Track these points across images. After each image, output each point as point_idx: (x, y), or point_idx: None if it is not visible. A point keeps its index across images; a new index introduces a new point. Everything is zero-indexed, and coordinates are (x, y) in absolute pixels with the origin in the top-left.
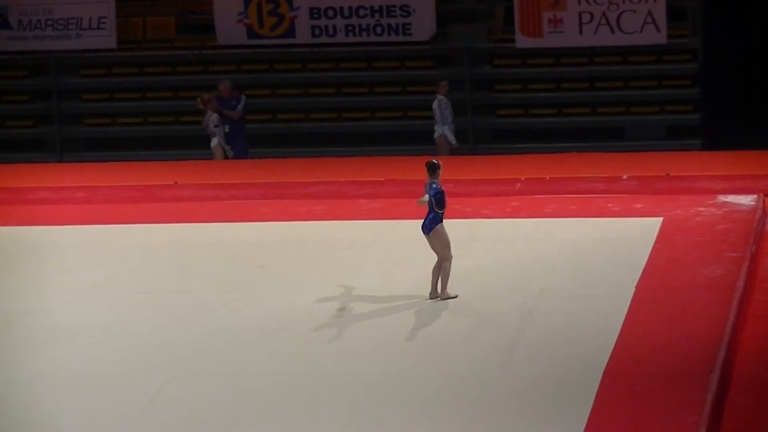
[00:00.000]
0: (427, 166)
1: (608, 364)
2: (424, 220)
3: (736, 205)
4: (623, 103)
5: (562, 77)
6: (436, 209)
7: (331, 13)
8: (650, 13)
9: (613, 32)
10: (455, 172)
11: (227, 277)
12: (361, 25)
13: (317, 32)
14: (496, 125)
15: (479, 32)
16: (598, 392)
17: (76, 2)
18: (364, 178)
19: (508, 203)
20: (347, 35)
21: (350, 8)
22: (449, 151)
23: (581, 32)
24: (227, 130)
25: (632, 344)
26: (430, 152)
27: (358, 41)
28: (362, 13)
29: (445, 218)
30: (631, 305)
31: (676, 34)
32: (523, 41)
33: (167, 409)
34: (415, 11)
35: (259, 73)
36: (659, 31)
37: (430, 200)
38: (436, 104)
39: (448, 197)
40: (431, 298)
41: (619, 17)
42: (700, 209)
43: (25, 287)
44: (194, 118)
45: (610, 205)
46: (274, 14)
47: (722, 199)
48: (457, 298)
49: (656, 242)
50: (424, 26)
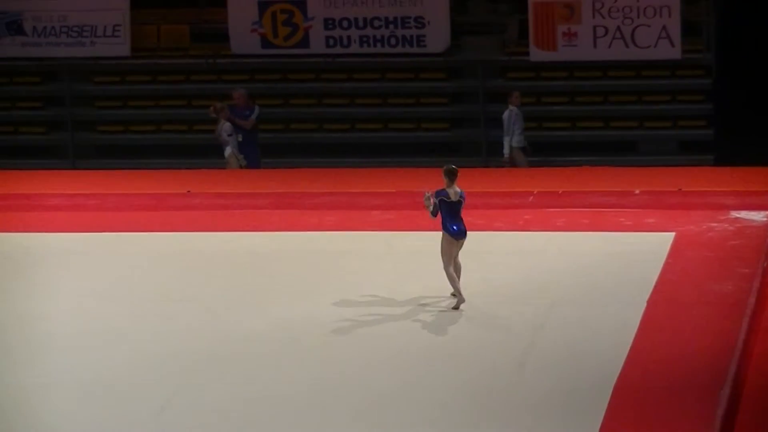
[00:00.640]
0: (447, 171)
1: (619, 378)
2: (453, 226)
3: (748, 221)
4: (636, 117)
5: (575, 91)
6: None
7: (345, 23)
8: (665, 28)
9: (627, 47)
10: (468, 184)
11: (238, 286)
12: (375, 36)
13: (331, 42)
14: None
15: (493, 45)
16: (608, 406)
17: (90, 9)
18: (376, 189)
19: (520, 216)
20: (361, 46)
21: (365, 19)
22: (527, 162)
23: (595, 46)
24: (240, 139)
25: (643, 358)
26: (440, 164)
27: (372, 52)
28: (377, 24)
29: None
30: (642, 320)
31: (690, 49)
32: (537, 54)
33: (177, 417)
34: (429, 23)
35: (272, 82)
36: (673, 46)
37: (463, 200)
38: (506, 114)
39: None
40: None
41: (633, 32)
42: (712, 225)
43: (35, 293)
44: (207, 126)
45: (622, 219)
46: (288, 24)
47: (734, 214)
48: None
49: (668, 257)
50: (438, 38)
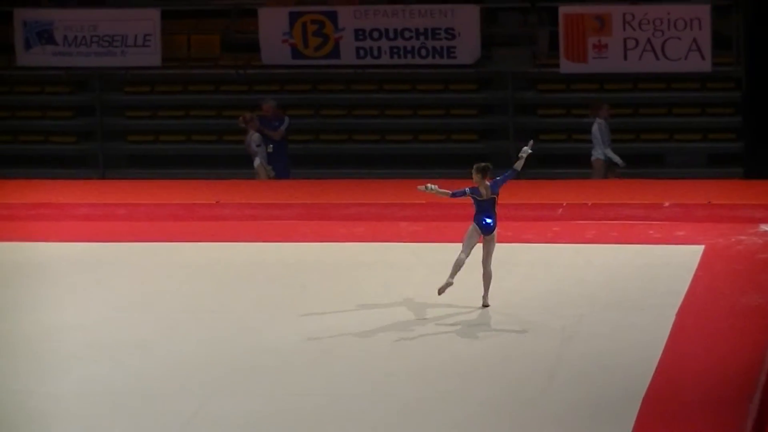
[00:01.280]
0: (477, 169)
1: (648, 390)
2: (484, 220)
3: None
4: (666, 130)
5: (606, 103)
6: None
7: (376, 34)
8: (695, 40)
9: (657, 59)
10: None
11: (268, 296)
12: (405, 47)
13: (362, 53)
14: (538, 150)
15: (523, 56)
16: (637, 418)
17: (121, 19)
18: (405, 200)
19: (549, 228)
20: (392, 57)
21: (395, 30)
22: (603, 174)
23: (626, 58)
24: (270, 149)
25: (672, 371)
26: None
27: (402, 63)
28: (407, 35)
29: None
30: (671, 332)
31: (720, 62)
32: (567, 66)
33: (206, 427)
34: (459, 34)
35: (302, 93)
36: (704, 58)
37: (496, 196)
38: (595, 127)
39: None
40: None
41: (664, 44)
42: (741, 238)
43: (66, 302)
44: (237, 137)
45: (651, 231)
46: (318, 35)
47: (764, 227)
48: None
49: (697, 270)
50: (468, 49)
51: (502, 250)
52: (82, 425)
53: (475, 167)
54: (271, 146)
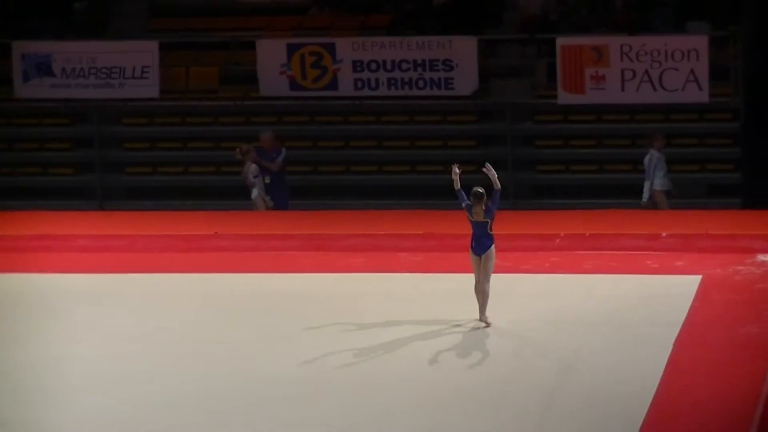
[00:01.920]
0: (474, 194)
1: (644, 421)
2: (473, 242)
3: None
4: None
5: (603, 134)
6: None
7: (374, 66)
8: (693, 71)
9: (655, 90)
10: (495, 227)
11: (265, 328)
12: (403, 78)
13: (360, 85)
14: (536, 181)
15: (521, 88)
16: None
17: (119, 51)
18: (403, 231)
19: (547, 258)
20: (389, 88)
21: (393, 62)
22: (668, 205)
23: (623, 89)
24: (267, 181)
25: (670, 402)
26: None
27: (400, 95)
28: (405, 66)
29: None
30: (668, 363)
31: (718, 93)
32: (565, 97)
33: None
34: (457, 66)
35: (300, 124)
36: (701, 89)
37: (490, 221)
38: (647, 158)
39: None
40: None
41: (661, 75)
42: (739, 268)
43: (65, 334)
44: (235, 168)
45: (649, 262)
46: (317, 66)
47: (762, 258)
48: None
49: (695, 300)
50: (466, 81)
51: (500, 280)
52: None
53: (472, 192)
54: (267, 177)
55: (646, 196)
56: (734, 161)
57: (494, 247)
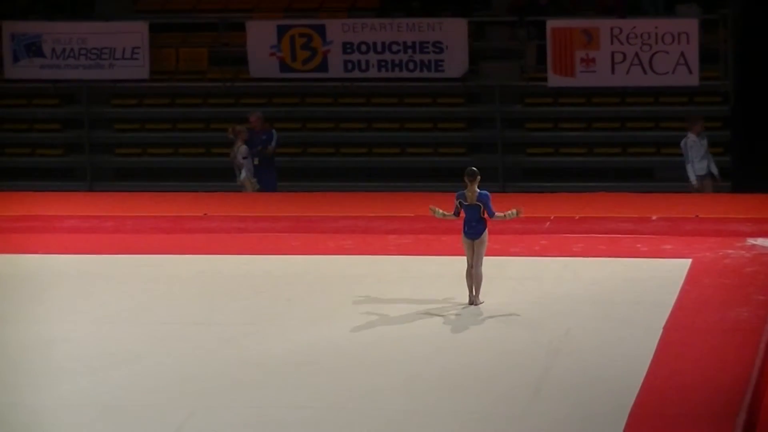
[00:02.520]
0: (466, 173)
1: (634, 404)
2: (465, 227)
3: (764, 248)
4: (654, 143)
5: (593, 117)
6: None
7: (363, 48)
8: (683, 54)
9: (645, 73)
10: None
11: (254, 309)
12: (393, 60)
13: (349, 67)
14: (526, 163)
15: (511, 70)
16: None
17: (109, 33)
18: (393, 213)
19: (536, 241)
20: (379, 70)
21: (383, 44)
22: (710, 187)
23: (613, 72)
24: (257, 162)
25: (658, 385)
26: (459, 188)
27: (390, 77)
28: (395, 48)
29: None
30: (658, 346)
31: (708, 76)
32: (554, 80)
33: None
34: (447, 48)
35: (290, 106)
36: (691, 73)
37: (481, 205)
38: (683, 142)
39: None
40: (470, 304)
41: (651, 58)
42: (728, 252)
43: (52, 315)
44: (225, 149)
45: (638, 245)
46: (306, 48)
47: (751, 242)
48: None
49: (684, 284)
50: (456, 63)
51: (489, 263)
52: None
53: (466, 170)
54: (257, 159)
55: (692, 178)
56: (724, 144)
57: (487, 231)
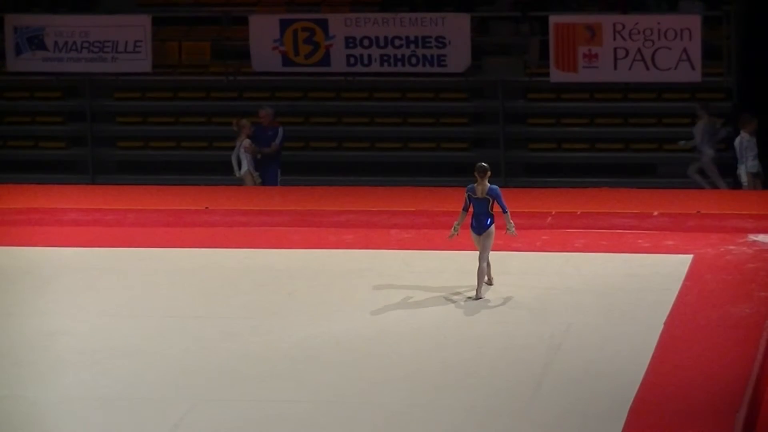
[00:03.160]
0: (476, 168)
1: (635, 400)
2: (473, 221)
3: (766, 244)
4: (656, 139)
5: (595, 112)
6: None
7: (366, 42)
8: (685, 50)
9: (648, 69)
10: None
11: (255, 303)
12: (396, 55)
13: (352, 61)
14: (528, 159)
15: (514, 65)
16: (624, 428)
17: (112, 26)
18: (395, 208)
19: (538, 237)
20: (382, 65)
21: (386, 38)
22: (762, 185)
23: (616, 68)
24: (259, 156)
25: (659, 381)
26: (461, 184)
27: (392, 71)
28: (398, 43)
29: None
30: (659, 342)
31: (710, 72)
32: (557, 75)
33: None
34: (450, 43)
35: (293, 100)
36: (694, 69)
37: (491, 199)
38: (737, 141)
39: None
40: (477, 298)
41: (654, 54)
42: (730, 248)
43: (53, 308)
44: (227, 143)
45: (640, 241)
46: (309, 42)
47: (753, 238)
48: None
49: (685, 279)
50: (459, 58)
51: (491, 258)
52: (70, 431)
53: (476, 166)
54: (259, 153)
55: (743, 178)
56: (726, 141)
57: (494, 226)
